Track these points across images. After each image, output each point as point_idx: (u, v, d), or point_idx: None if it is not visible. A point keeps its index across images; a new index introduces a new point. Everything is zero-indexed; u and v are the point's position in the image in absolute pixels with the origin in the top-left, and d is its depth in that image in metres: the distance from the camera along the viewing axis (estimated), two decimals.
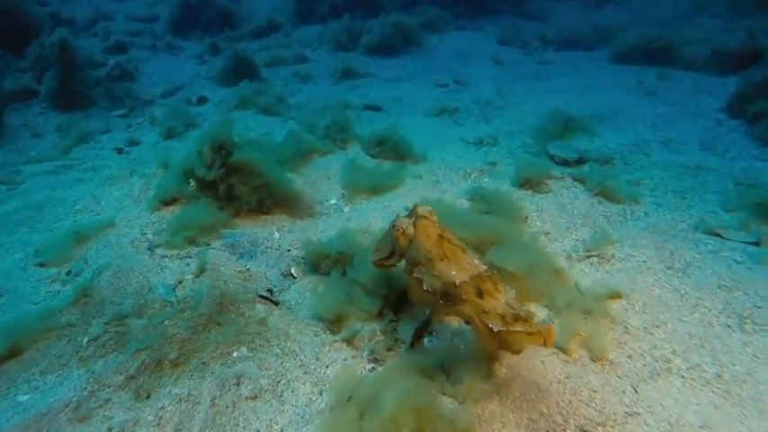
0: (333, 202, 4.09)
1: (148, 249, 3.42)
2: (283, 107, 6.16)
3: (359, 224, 3.61)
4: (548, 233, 3.45)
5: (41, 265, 3.22)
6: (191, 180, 3.98)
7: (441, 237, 2.04)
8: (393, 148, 4.84)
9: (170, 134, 5.41)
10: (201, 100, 6.72)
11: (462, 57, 8.35)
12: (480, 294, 1.89)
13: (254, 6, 12.53)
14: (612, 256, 3.09)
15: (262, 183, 3.85)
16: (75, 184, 4.39)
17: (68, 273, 3.16)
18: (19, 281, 3.08)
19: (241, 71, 7.28)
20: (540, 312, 2.62)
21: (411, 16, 9.40)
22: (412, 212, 2.19)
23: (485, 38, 9.59)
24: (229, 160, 3.80)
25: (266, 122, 5.82)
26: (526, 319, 1.87)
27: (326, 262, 3.13)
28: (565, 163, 4.49)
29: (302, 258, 3.31)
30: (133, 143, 5.32)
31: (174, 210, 3.93)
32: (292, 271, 3.23)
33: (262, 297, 2.94)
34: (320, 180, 4.40)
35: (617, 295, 2.72)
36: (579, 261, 3.09)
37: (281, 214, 3.88)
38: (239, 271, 3.16)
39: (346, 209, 3.97)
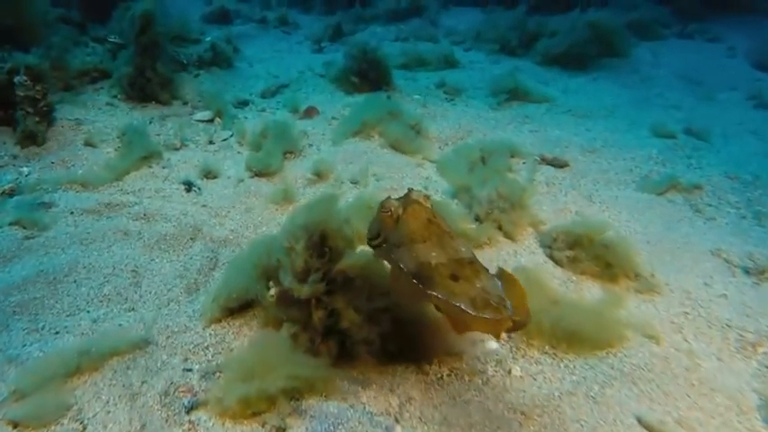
0: (493, 347, 2.87)
1: (186, 411, 2.43)
2: (421, 142, 5.03)
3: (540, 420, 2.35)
4: None
5: (14, 426, 2.33)
6: (271, 284, 2.95)
7: (429, 221, 2.23)
8: (597, 255, 3.50)
9: (260, 170, 4.50)
10: (310, 112, 5.81)
11: (693, 84, 6.64)
12: (455, 278, 2.02)
13: None
14: None
15: (383, 306, 2.72)
16: (115, 241, 3.57)
17: None
18: None
19: (366, 75, 6.34)
20: None
21: (613, 14, 7.82)
22: (404, 196, 2.35)
23: (727, 54, 7.73)
24: (335, 266, 2.72)
25: (394, 165, 4.72)
26: (497, 306, 1.92)
27: None
28: None
29: None
30: (209, 176, 4.48)
31: (241, 326, 2.95)
32: None
33: None
34: None
35: None
36: None
37: (408, 364, 2.73)
38: None
39: (518, 373, 2.73)
